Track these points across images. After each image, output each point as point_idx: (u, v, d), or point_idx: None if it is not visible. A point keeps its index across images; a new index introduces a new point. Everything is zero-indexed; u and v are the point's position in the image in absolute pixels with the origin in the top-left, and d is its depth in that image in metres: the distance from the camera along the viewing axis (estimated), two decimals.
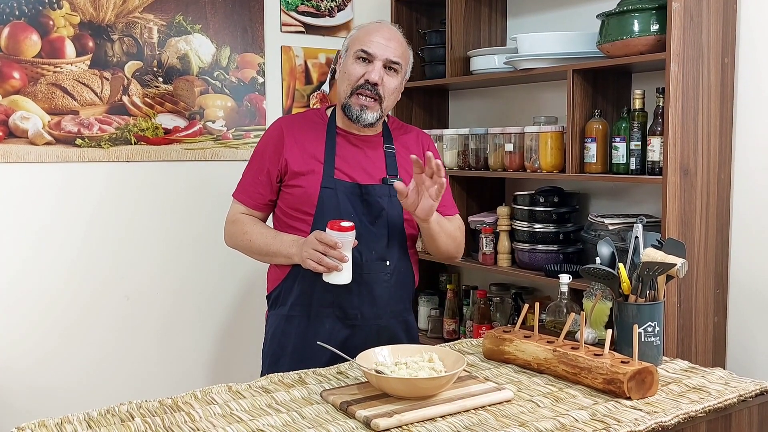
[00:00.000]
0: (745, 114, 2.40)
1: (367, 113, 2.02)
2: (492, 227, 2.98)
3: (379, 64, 2.01)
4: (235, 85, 3.01)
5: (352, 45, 2.05)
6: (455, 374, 1.54)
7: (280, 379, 1.71)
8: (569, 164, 2.58)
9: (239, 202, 2.13)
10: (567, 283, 2.06)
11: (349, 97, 2.03)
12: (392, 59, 2.02)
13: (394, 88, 2.06)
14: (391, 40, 2.04)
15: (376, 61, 2.01)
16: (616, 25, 2.37)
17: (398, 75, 2.06)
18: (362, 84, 2.01)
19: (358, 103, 2.02)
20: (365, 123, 2.04)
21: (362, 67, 2.02)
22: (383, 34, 2.04)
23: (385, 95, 2.03)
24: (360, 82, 2.01)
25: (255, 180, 2.10)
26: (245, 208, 2.11)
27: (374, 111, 2.03)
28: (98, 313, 2.80)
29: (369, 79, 2.00)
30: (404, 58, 2.07)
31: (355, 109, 2.02)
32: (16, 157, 2.61)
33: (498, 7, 3.20)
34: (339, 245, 1.86)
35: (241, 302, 3.11)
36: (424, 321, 3.29)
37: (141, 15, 2.80)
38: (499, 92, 3.24)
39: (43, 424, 1.44)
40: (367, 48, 2.01)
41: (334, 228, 1.87)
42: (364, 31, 2.05)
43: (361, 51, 2.02)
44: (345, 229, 1.87)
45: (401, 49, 2.06)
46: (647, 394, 1.58)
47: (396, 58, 2.03)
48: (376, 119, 2.04)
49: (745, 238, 2.42)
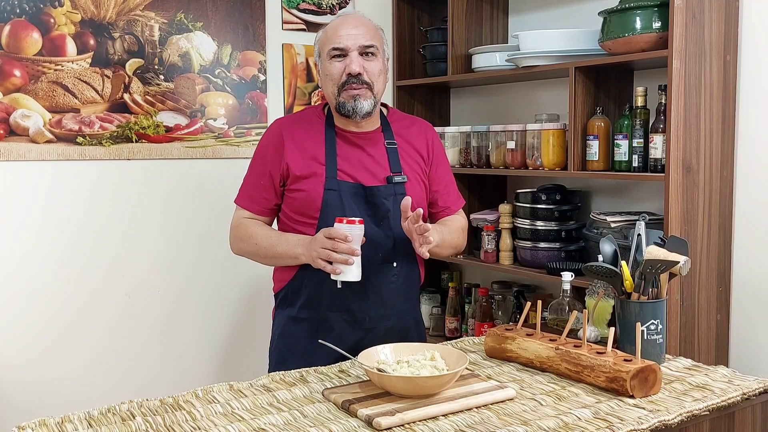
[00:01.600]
0: (748, 111, 2.39)
1: (362, 102, 1.99)
2: (494, 225, 2.97)
3: (354, 54, 1.98)
4: (237, 82, 3.01)
5: (323, 47, 2.02)
6: (457, 373, 1.54)
7: (282, 377, 1.71)
8: (571, 162, 2.58)
9: (243, 208, 2.09)
10: (569, 280, 2.06)
11: (338, 96, 2.00)
12: (365, 44, 1.99)
13: (378, 71, 2.02)
14: (358, 26, 2.01)
15: (350, 53, 1.98)
16: (618, 22, 2.37)
17: (377, 57, 2.02)
18: (345, 80, 1.98)
19: (349, 96, 1.99)
20: (362, 113, 2.00)
21: (340, 63, 1.99)
22: (348, 23, 2.00)
23: (372, 80, 2.00)
24: (343, 79, 1.99)
25: (258, 185, 2.07)
26: (250, 214, 2.08)
27: (367, 98, 2.00)
28: (99, 311, 2.80)
29: (350, 72, 1.97)
30: (377, 38, 2.03)
31: (349, 103, 1.99)
32: (17, 155, 2.61)
33: (500, 5, 3.19)
34: (349, 238, 1.83)
35: (242, 300, 3.10)
36: (426, 319, 3.27)
37: (142, 13, 2.80)
38: (501, 90, 3.23)
39: (44, 422, 1.43)
40: (337, 44, 1.99)
41: (342, 222, 1.84)
42: (330, 29, 2.02)
43: (332, 49, 1.99)
44: (353, 222, 1.84)
45: (371, 31, 2.02)
46: (650, 393, 1.57)
47: (368, 42, 2.00)
48: (372, 106, 2.01)
49: (747, 236, 2.41)
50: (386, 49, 2.09)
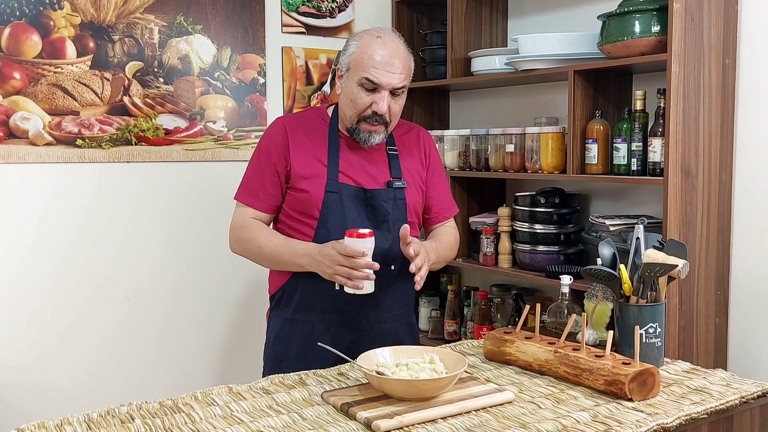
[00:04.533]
0: (746, 115, 2.39)
1: (375, 137, 2.00)
2: (493, 228, 2.97)
3: (386, 94, 1.96)
4: (236, 85, 3.01)
5: (356, 68, 1.96)
6: (456, 375, 1.54)
7: (281, 380, 1.71)
8: (570, 165, 2.58)
9: (246, 205, 2.06)
10: (568, 284, 2.06)
11: (356, 123, 2.00)
12: (398, 86, 1.97)
13: (400, 107, 2.02)
14: (397, 61, 1.95)
15: (382, 91, 1.95)
16: (617, 26, 2.37)
17: (403, 93, 2.02)
18: (369, 115, 1.97)
19: (366, 129, 1.99)
20: (372, 145, 2.02)
21: (368, 96, 1.96)
22: (387, 57, 1.94)
23: (392, 120, 2.02)
24: (367, 113, 1.97)
25: (263, 181, 2.04)
26: (253, 212, 2.05)
27: (381, 134, 2.01)
28: (98, 314, 2.80)
29: (377, 110, 1.96)
30: (408, 74, 2.01)
31: (364, 134, 2.00)
32: (16, 158, 2.61)
33: (499, 8, 3.20)
34: (365, 253, 1.81)
35: (242, 303, 3.10)
36: (424, 322, 3.29)
37: (142, 15, 2.80)
38: (500, 93, 3.24)
39: (43, 425, 1.43)
40: (372, 78, 1.94)
41: (353, 236, 1.81)
42: (368, 53, 1.94)
43: (366, 80, 1.94)
44: (366, 236, 1.82)
45: (406, 69, 1.99)
46: (649, 396, 1.57)
47: (402, 83, 1.98)
48: (382, 140, 2.03)
49: (746, 239, 2.42)
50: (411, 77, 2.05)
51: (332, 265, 1.84)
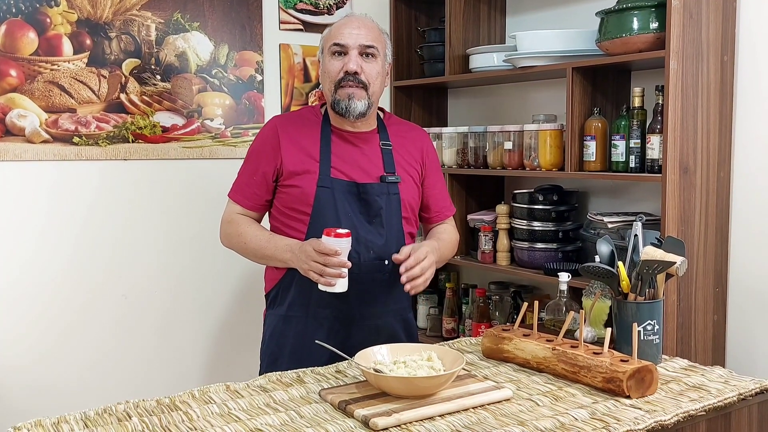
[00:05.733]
0: (745, 112, 2.39)
1: (355, 102, 2.00)
2: (491, 226, 2.97)
3: (354, 53, 2.00)
4: (234, 83, 3.01)
5: (326, 43, 2.05)
6: (454, 373, 1.54)
7: (279, 378, 1.71)
8: (568, 162, 2.58)
9: (235, 202, 2.11)
10: (566, 281, 2.06)
11: (334, 92, 2.02)
12: (366, 44, 2.01)
13: (376, 73, 2.03)
14: (362, 27, 2.03)
15: (350, 51, 2.00)
16: (615, 22, 2.37)
17: (377, 59, 2.04)
18: (342, 77, 2.00)
19: (344, 93, 2.00)
20: (356, 113, 2.01)
21: (339, 60, 2.01)
22: (353, 23, 2.03)
23: (369, 81, 2.01)
24: (340, 75, 2.00)
25: (250, 180, 2.08)
26: (241, 209, 2.10)
27: (362, 99, 2.01)
28: (95, 311, 2.79)
29: (347, 69, 1.99)
30: (379, 41, 2.05)
31: (343, 101, 2.00)
32: (12, 156, 2.60)
33: (497, 5, 3.19)
34: (339, 252, 1.84)
35: (239, 301, 3.10)
36: (423, 320, 3.28)
37: (139, 12, 2.79)
38: (499, 90, 3.24)
39: (40, 423, 1.43)
40: (338, 40, 2.01)
41: (330, 235, 1.85)
42: (335, 27, 2.05)
43: (333, 45, 2.01)
44: (342, 235, 1.85)
45: (374, 33, 2.04)
46: (647, 393, 1.57)
47: (369, 42, 2.01)
48: (365, 107, 2.02)
49: (744, 236, 2.42)
50: (388, 54, 2.10)
51: (307, 261, 1.88)
